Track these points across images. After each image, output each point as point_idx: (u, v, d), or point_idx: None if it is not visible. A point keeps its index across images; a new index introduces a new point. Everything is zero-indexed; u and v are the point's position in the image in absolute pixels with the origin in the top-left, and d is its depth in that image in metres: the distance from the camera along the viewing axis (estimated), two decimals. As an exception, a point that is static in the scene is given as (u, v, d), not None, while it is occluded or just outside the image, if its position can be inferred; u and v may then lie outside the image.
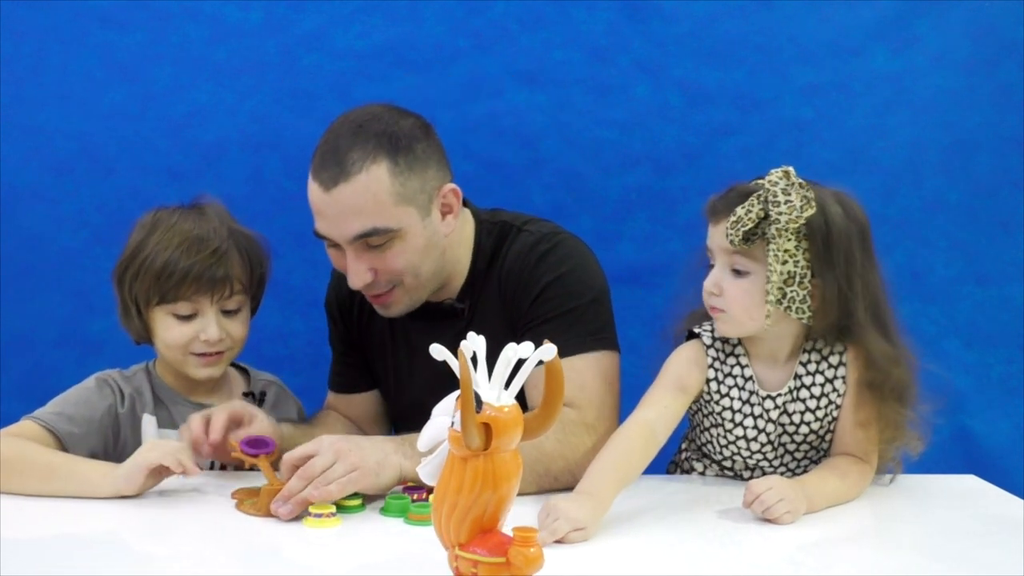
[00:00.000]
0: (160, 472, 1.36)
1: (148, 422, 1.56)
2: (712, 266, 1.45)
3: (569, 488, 1.36)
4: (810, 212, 1.35)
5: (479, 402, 0.93)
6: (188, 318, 1.51)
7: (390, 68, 2.04)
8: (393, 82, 2.04)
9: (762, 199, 1.36)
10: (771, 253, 1.36)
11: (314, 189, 1.50)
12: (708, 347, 1.49)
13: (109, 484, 1.35)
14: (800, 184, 1.35)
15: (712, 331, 1.49)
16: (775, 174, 1.37)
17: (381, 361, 1.74)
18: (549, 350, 0.94)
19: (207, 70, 2.04)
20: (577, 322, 1.52)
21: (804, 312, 1.40)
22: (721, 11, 2.04)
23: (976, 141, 2.05)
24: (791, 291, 1.38)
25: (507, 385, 0.96)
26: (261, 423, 1.48)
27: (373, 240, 1.49)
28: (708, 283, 1.43)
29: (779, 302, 1.38)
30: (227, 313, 1.54)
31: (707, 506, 1.39)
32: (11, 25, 2.01)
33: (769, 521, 1.30)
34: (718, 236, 1.41)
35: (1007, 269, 2.06)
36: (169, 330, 1.52)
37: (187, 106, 2.04)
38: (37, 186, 2.03)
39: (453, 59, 2.05)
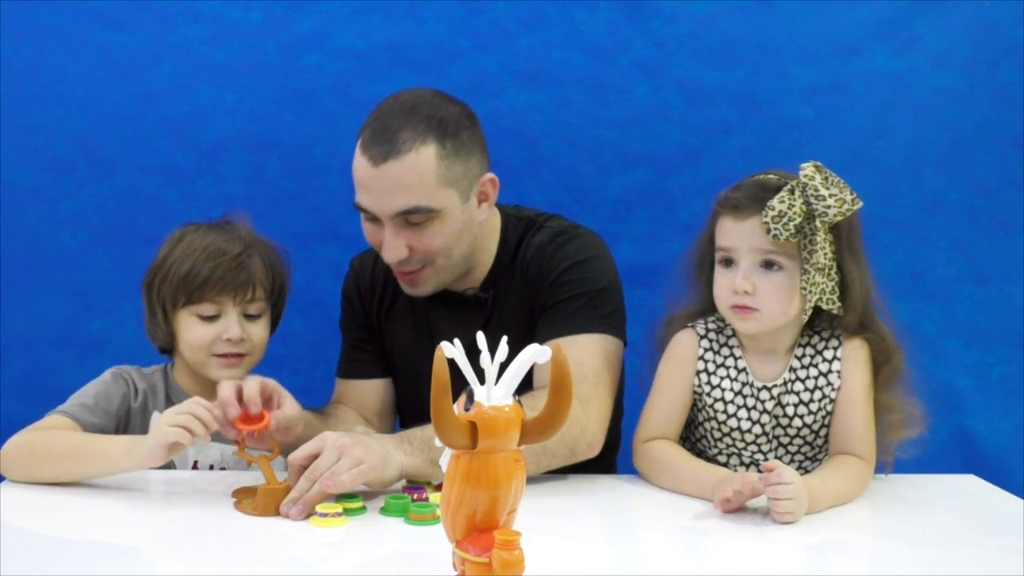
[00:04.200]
0: (177, 446, 1.35)
1: (156, 420, 1.57)
2: (726, 262, 1.44)
3: (568, 464, 1.44)
4: (860, 205, 1.37)
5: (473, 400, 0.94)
6: (211, 319, 1.56)
7: (390, 68, 2.04)
8: (393, 82, 2.02)
9: (797, 192, 1.36)
10: (818, 246, 1.36)
11: (362, 163, 1.53)
12: (701, 338, 1.50)
13: (133, 461, 1.38)
14: (838, 179, 1.37)
15: (706, 322, 1.50)
16: (808, 168, 1.37)
17: (400, 348, 1.75)
18: (544, 352, 0.94)
19: (207, 70, 2.03)
20: (587, 305, 1.58)
21: (834, 303, 1.41)
22: (721, 11, 2.04)
23: (976, 141, 2.05)
24: (822, 283, 1.39)
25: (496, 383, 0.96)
26: (291, 406, 1.46)
27: (414, 218, 1.53)
28: (739, 283, 1.40)
29: (812, 295, 1.39)
30: (249, 318, 1.59)
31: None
32: (11, 25, 2.00)
33: (768, 511, 1.30)
34: (747, 232, 1.40)
35: (1007, 269, 2.06)
36: (193, 331, 1.56)
37: (187, 106, 2.04)
38: (37, 186, 2.03)
39: (453, 59, 2.05)
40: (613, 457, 1.73)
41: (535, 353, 0.94)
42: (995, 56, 2.03)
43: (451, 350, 0.93)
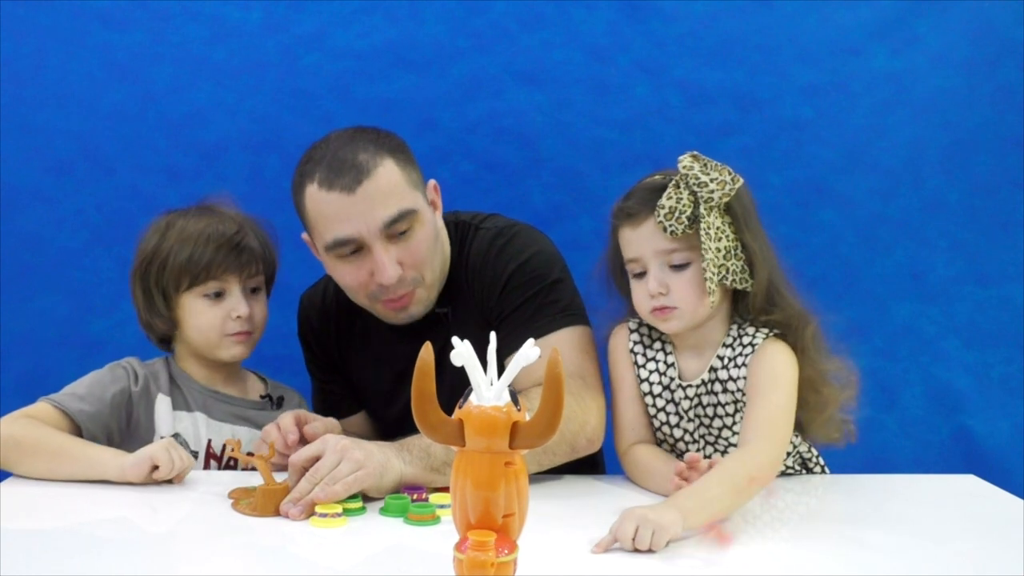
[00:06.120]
0: (159, 470, 1.40)
1: (162, 402, 1.59)
2: (640, 274, 1.45)
3: (570, 460, 1.46)
4: (740, 183, 1.39)
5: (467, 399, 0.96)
6: (217, 298, 1.59)
7: (390, 68, 2.04)
8: (393, 82, 2.05)
9: (682, 185, 1.39)
10: (706, 233, 1.38)
11: (334, 198, 1.51)
12: (632, 331, 1.53)
13: (116, 468, 1.40)
14: (716, 163, 1.39)
15: (640, 319, 1.51)
16: (685, 159, 1.40)
17: (366, 380, 1.75)
18: (531, 353, 0.94)
19: (207, 70, 2.04)
20: (545, 304, 1.57)
21: (746, 282, 1.43)
22: (721, 11, 2.04)
23: (976, 141, 2.05)
24: (731, 264, 1.41)
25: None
26: (321, 422, 1.53)
27: (400, 226, 1.53)
28: (652, 287, 1.43)
29: (723, 279, 1.41)
30: (251, 293, 1.64)
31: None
32: (11, 25, 2.01)
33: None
34: (646, 237, 1.42)
35: (1007, 269, 2.06)
36: (202, 314, 1.59)
37: (187, 106, 2.04)
38: (37, 186, 2.03)
39: (453, 59, 2.05)
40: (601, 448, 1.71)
41: (525, 355, 0.94)
42: (995, 56, 2.04)
43: (460, 346, 0.94)
